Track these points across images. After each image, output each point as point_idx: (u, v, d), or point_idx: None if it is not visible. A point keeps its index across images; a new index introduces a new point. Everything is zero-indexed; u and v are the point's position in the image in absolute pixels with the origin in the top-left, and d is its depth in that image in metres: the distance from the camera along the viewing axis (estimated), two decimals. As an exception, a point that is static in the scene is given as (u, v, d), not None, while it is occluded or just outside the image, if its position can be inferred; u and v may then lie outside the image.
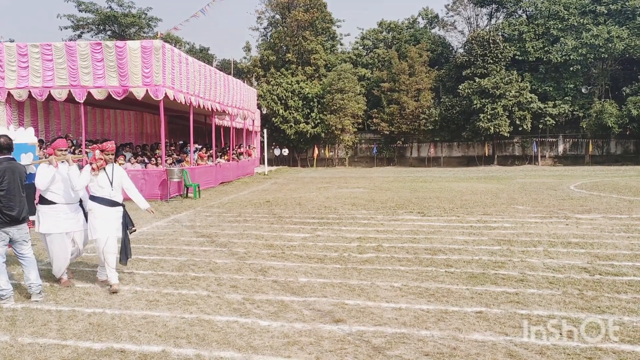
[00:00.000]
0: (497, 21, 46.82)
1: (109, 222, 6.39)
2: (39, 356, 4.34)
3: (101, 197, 6.36)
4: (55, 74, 16.52)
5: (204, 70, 20.68)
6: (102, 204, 6.36)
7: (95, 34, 50.67)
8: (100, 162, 6.31)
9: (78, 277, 6.98)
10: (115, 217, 6.48)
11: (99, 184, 6.34)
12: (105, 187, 6.37)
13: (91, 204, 6.38)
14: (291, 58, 45.53)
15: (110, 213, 6.40)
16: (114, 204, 6.45)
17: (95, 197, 6.37)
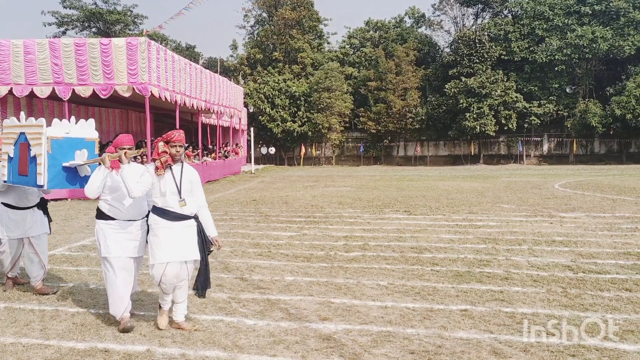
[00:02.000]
0: (483, 21, 47.14)
1: (174, 242, 4.72)
2: (22, 356, 4.29)
3: (164, 209, 4.74)
4: (38, 71, 16.31)
5: (190, 69, 20.57)
6: (165, 218, 4.72)
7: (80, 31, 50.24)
8: (165, 156, 4.69)
9: (61, 276, 6.90)
10: (185, 235, 4.76)
11: (162, 190, 4.72)
12: (171, 193, 4.73)
13: (151, 218, 4.83)
14: (278, 56, 45.46)
15: (177, 230, 4.72)
16: (183, 217, 4.75)
17: (157, 209, 4.79)
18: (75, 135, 5.31)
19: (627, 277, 6.50)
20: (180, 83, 19.25)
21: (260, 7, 48.76)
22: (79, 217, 12.64)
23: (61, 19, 49.00)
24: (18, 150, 5.51)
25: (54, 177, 5.21)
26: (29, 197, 6.13)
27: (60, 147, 5.19)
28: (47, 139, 5.09)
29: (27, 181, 5.41)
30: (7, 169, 5.69)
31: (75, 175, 5.37)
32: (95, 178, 4.99)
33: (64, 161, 5.24)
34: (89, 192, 4.99)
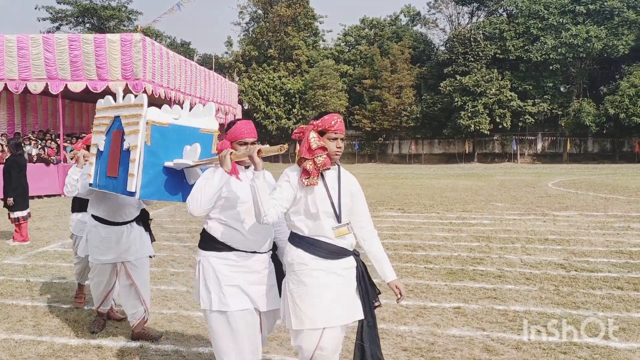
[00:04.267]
0: (478, 19, 47.26)
1: (333, 294, 3.02)
2: (14, 352, 4.28)
3: (313, 239, 3.04)
4: (31, 66, 16.24)
5: (185, 65, 20.52)
6: (317, 254, 3.03)
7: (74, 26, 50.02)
8: (322, 156, 2.98)
9: (54, 272, 6.88)
10: (346, 282, 3.09)
11: (311, 209, 3.03)
12: (325, 214, 3.04)
13: (291, 255, 3.07)
14: (273, 53, 45.41)
15: (335, 274, 3.04)
16: (342, 252, 3.10)
17: (300, 239, 3.07)
18: (186, 124, 3.59)
19: (618, 275, 6.54)
20: (175, 79, 19.20)
21: (255, 4, 48.66)
22: (73, 213, 12.57)
23: (55, 14, 48.76)
24: (110, 142, 3.81)
25: (150, 182, 3.43)
26: (127, 209, 4.52)
27: (164, 138, 3.45)
28: (147, 125, 3.38)
29: (115, 185, 3.66)
30: (94, 167, 4.04)
31: (180, 182, 3.59)
32: (207, 186, 3.09)
33: (167, 159, 3.48)
34: (196, 205, 3.09)
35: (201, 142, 3.54)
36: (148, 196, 3.53)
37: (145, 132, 3.39)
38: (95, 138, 4.09)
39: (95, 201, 4.56)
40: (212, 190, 3.10)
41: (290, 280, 3.07)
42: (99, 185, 3.96)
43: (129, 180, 3.43)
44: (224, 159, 3.12)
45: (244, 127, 3.28)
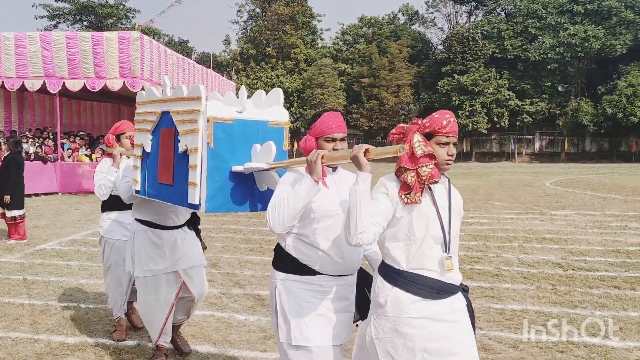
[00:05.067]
0: (476, 19, 47.29)
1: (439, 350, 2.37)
2: (11, 350, 4.27)
3: (414, 274, 2.39)
4: (29, 64, 16.19)
5: (183, 63, 20.49)
6: (418, 294, 2.38)
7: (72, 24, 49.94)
8: (429, 167, 2.36)
9: (51, 270, 6.87)
10: (455, 331, 2.42)
11: (416, 232, 2.39)
12: (433, 240, 2.41)
13: (384, 293, 2.43)
14: (271, 52, 45.39)
15: (441, 320, 2.39)
16: (451, 290, 2.46)
17: (395, 273, 2.43)
18: (252, 117, 2.93)
19: (615, 274, 6.56)
20: (173, 78, 19.16)
21: (253, 3, 48.63)
22: (70, 211, 12.57)
23: (52, 11, 48.67)
24: (158, 142, 3.22)
25: (217, 192, 2.80)
26: (179, 211, 3.89)
27: (228, 137, 2.82)
28: (209, 123, 2.75)
29: (171, 195, 3.09)
30: (140, 172, 3.44)
31: (249, 188, 2.93)
32: (292, 199, 2.46)
33: (234, 163, 2.84)
34: (278, 222, 2.48)
35: (273, 138, 2.89)
36: (215, 209, 2.81)
37: (207, 132, 2.73)
38: (139, 137, 3.43)
39: (141, 203, 3.83)
40: (299, 204, 2.46)
41: (379, 326, 2.41)
42: (149, 194, 3.35)
43: (190, 190, 2.80)
44: (314, 164, 2.44)
45: (331, 119, 2.67)
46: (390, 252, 2.42)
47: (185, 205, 2.90)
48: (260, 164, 2.81)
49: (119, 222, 4.52)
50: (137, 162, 3.47)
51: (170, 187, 3.06)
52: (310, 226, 2.62)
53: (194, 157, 2.78)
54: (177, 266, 3.85)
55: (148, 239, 3.83)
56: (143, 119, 3.41)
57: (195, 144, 2.78)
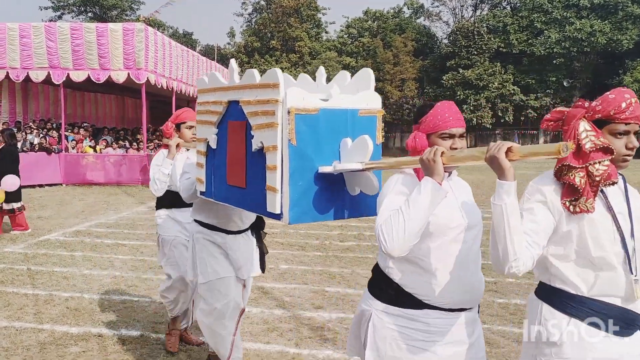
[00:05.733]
0: (481, 12, 47.06)
1: None
2: (15, 340, 4.28)
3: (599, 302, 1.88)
4: (33, 55, 16.18)
5: (187, 55, 20.47)
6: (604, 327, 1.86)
7: (76, 15, 49.88)
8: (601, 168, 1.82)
9: (55, 261, 6.89)
10: None
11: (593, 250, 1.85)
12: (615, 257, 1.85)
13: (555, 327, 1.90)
14: (275, 45, 45.29)
15: None
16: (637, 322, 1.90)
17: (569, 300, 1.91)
18: (339, 105, 2.40)
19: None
20: (177, 70, 19.15)
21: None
22: (74, 202, 12.60)
23: (57, 2, 48.60)
24: (225, 137, 2.75)
25: (301, 198, 2.31)
26: (244, 214, 3.45)
27: (313, 131, 2.32)
28: (289, 115, 2.25)
29: (245, 201, 2.61)
30: (205, 170, 2.95)
31: (337, 193, 2.42)
32: (413, 210, 1.91)
33: (321, 163, 2.34)
34: (398, 241, 1.90)
35: (367, 131, 2.42)
36: (299, 219, 2.29)
37: (289, 126, 2.22)
38: (202, 130, 2.93)
39: (202, 204, 3.37)
40: (423, 215, 1.88)
41: None
42: (217, 197, 2.85)
43: (269, 196, 2.32)
44: (434, 163, 1.90)
45: (447, 111, 2.13)
46: (563, 274, 1.88)
47: (263, 213, 2.41)
48: (354, 164, 2.28)
49: (176, 219, 4.12)
50: (201, 159, 2.95)
51: (243, 191, 2.57)
52: (423, 245, 2.02)
53: (273, 157, 2.29)
54: (239, 274, 3.44)
55: (211, 241, 3.39)
56: (206, 110, 2.87)
57: (274, 141, 2.27)
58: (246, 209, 2.75)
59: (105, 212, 11.01)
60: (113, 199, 13.38)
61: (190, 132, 3.98)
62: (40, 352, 4.06)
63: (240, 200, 2.64)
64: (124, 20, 46.63)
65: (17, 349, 4.11)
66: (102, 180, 16.57)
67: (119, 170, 16.77)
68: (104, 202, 12.60)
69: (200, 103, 2.99)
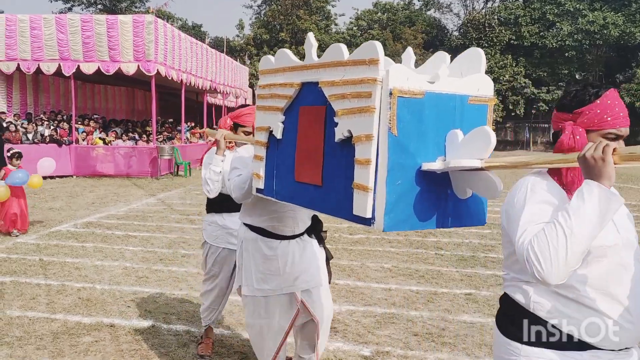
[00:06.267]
0: (493, 4, 46.62)
1: None
2: (28, 329, 4.32)
3: None
4: (44, 47, 16.25)
5: (197, 48, 20.45)
6: None
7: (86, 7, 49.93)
8: None
9: (67, 252, 6.94)
10: None
11: None
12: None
13: None
14: (285, 37, 45.15)
15: None
16: None
17: None
18: (448, 89, 1.97)
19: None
20: (187, 62, 19.15)
21: (267, -13, 48.33)
22: (84, 194, 12.67)
23: (67, -5, 48.67)
24: (295, 125, 2.35)
25: (399, 200, 1.86)
26: (299, 216, 3.06)
27: (417, 119, 1.88)
28: (392, 97, 1.80)
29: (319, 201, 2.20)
30: (264, 164, 2.56)
31: (440, 196, 1.99)
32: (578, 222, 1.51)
33: (424, 158, 1.91)
34: (557, 264, 1.50)
35: (472, 121, 2.00)
36: (396, 226, 1.85)
37: (389, 112, 1.78)
38: (264, 118, 2.50)
39: (252, 205, 3.03)
40: (591, 232, 1.51)
41: None
42: (280, 195, 2.43)
43: (357, 197, 1.87)
44: (603, 163, 1.50)
45: (617, 104, 1.73)
46: None
47: (347, 217, 1.97)
48: (472, 160, 1.83)
49: (225, 228, 3.77)
50: (260, 151, 2.54)
51: (318, 190, 2.14)
52: (577, 271, 1.63)
53: (365, 149, 1.84)
54: (295, 286, 3.01)
55: (259, 251, 3.02)
56: (270, 94, 2.47)
57: (368, 129, 1.83)
58: (320, 211, 2.22)
59: (115, 204, 11.07)
60: (123, 190, 13.45)
61: None
62: (53, 341, 4.09)
63: (313, 200, 2.20)
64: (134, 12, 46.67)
65: (30, 338, 4.15)
66: (112, 172, 16.66)
67: (129, 162, 16.84)
68: (114, 194, 12.66)
69: (262, 86, 2.57)
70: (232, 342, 4.16)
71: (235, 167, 2.98)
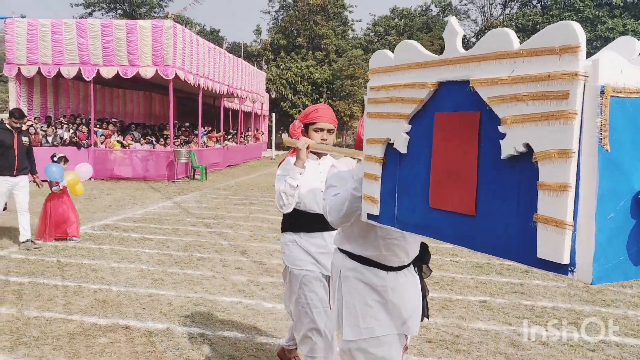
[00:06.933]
0: (511, 11, 46.39)
1: None
2: (45, 330, 4.38)
3: None
4: (65, 51, 16.50)
5: (214, 52, 20.62)
6: None
7: (106, 12, 50.63)
8: None
9: (84, 253, 7.02)
10: None
11: None
12: None
13: None
14: (302, 42, 45.31)
15: None
16: None
17: None
18: None
19: (650, 274, 6.39)
20: (204, 66, 19.31)
21: (285, -8, 48.59)
22: (102, 196, 12.81)
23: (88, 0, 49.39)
24: (428, 137, 1.84)
25: (612, 239, 1.33)
26: (408, 246, 2.51)
27: (634, 127, 1.34)
28: (603, 98, 1.26)
29: (468, 233, 1.70)
30: (378, 185, 2.08)
31: None
32: None
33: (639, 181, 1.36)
34: None
35: None
36: (609, 276, 1.38)
37: (598, 118, 1.31)
38: (378, 127, 2.06)
39: (357, 231, 2.44)
40: None
41: None
42: (404, 224, 1.96)
43: (544, 234, 1.41)
44: None
45: None
46: None
47: (524, 260, 1.50)
48: None
49: (304, 248, 3.22)
50: (374, 168, 2.07)
51: (469, 221, 1.69)
52: None
53: (558, 169, 1.37)
54: (405, 329, 2.44)
55: (364, 282, 2.43)
56: (389, 97, 2.00)
57: (566, 143, 1.35)
58: (473, 248, 1.69)
59: (132, 207, 11.18)
60: (140, 193, 13.57)
61: (318, 137, 3.18)
62: (70, 342, 4.14)
63: (461, 234, 1.75)
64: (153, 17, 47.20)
65: (47, 338, 4.20)
66: (130, 175, 16.83)
67: (146, 166, 17.00)
68: (131, 197, 12.79)
69: (375, 88, 2.09)
70: (247, 346, 4.18)
71: (331, 184, 2.46)
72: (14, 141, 7.20)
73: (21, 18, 17.22)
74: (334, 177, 2.51)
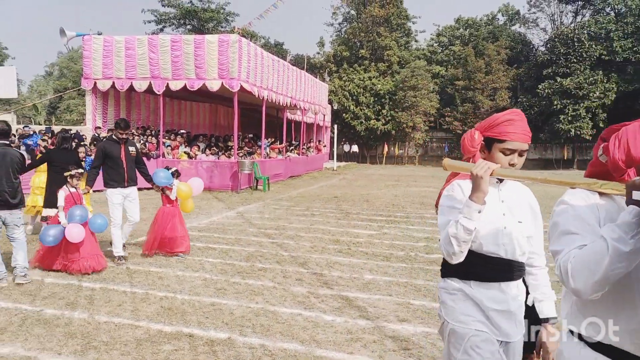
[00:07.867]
0: (582, 19, 44.64)
1: None
2: (114, 335, 4.55)
3: None
4: (137, 65, 17.26)
5: (278, 65, 20.98)
6: None
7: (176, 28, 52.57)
8: None
9: (151, 261, 7.24)
10: None
11: None
12: None
13: None
14: (364, 54, 45.36)
15: None
16: None
17: None
18: None
19: None
20: (268, 79, 19.68)
21: (348, 5, 48.87)
22: (169, 205, 13.20)
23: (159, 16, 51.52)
24: None
25: None
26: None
27: None
28: None
29: None
30: None
31: None
32: None
33: None
34: None
35: None
36: None
37: None
38: None
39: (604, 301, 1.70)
40: None
41: None
42: None
43: None
44: None
45: None
46: None
47: None
48: None
49: (476, 300, 2.35)
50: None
51: None
52: None
53: None
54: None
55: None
56: None
57: None
58: None
59: (197, 216, 11.48)
60: (204, 203, 13.92)
61: (506, 160, 2.31)
62: (137, 348, 4.28)
63: None
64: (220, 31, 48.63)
65: (115, 343, 4.36)
66: (196, 185, 17.29)
67: (211, 176, 17.43)
68: (196, 207, 13.10)
69: None
70: (306, 359, 4.17)
71: (568, 230, 1.70)
72: (121, 152, 7.26)
73: (98, 35, 18.16)
74: (573, 220, 1.71)
